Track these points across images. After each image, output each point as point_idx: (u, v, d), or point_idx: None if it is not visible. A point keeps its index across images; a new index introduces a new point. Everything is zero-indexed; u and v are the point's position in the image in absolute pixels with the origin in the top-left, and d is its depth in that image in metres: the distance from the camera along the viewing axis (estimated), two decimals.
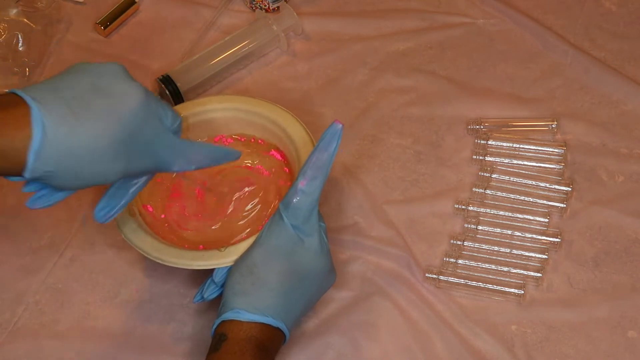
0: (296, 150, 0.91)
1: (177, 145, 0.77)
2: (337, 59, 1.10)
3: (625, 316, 0.90)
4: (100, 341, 0.90)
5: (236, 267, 0.81)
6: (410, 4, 1.15)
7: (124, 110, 0.71)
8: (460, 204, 0.97)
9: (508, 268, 0.93)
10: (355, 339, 0.89)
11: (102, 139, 0.69)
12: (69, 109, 0.68)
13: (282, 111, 0.93)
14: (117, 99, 0.71)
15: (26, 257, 0.95)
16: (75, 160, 0.69)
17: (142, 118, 0.72)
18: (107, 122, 0.70)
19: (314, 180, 0.80)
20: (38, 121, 0.67)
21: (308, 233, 0.80)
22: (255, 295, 0.79)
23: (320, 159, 0.80)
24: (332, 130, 0.80)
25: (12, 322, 0.91)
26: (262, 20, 1.09)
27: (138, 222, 0.88)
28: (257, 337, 0.78)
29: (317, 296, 0.84)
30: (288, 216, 0.79)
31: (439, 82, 1.08)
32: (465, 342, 0.89)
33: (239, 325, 0.78)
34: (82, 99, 0.69)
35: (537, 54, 1.10)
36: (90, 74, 0.72)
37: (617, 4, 1.14)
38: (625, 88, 1.06)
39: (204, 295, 0.84)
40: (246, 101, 0.95)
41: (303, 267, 0.80)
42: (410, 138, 1.03)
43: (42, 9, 1.10)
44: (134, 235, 0.86)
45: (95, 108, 0.69)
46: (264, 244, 0.80)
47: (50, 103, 0.68)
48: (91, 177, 0.71)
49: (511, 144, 1.00)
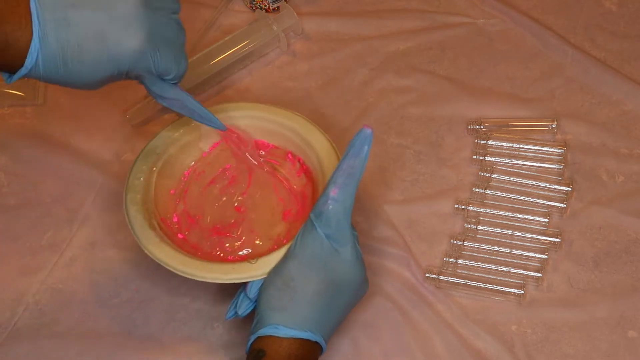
0: (318, 157, 0.89)
1: (180, 55, 0.80)
2: (337, 59, 1.10)
3: (625, 316, 0.90)
4: (100, 341, 0.90)
5: (270, 280, 0.80)
6: (410, 4, 1.15)
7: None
8: (460, 204, 0.97)
9: (508, 268, 0.93)
10: (355, 339, 0.89)
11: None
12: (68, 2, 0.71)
13: (299, 117, 0.92)
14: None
15: (26, 257, 0.95)
16: (90, 13, 0.71)
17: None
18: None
19: (346, 188, 0.78)
20: (35, 16, 0.69)
21: (342, 243, 0.78)
22: (293, 309, 0.77)
23: (351, 166, 0.78)
24: (362, 135, 0.77)
25: (12, 322, 0.91)
26: (262, 20, 1.09)
27: (159, 236, 0.85)
28: (296, 354, 0.77)
29: (351, 306, 0.82)
30: (321, 226, 0.78)
31: (439, 82, 1.08)
32: (465, 342, 0.89)
33: (278, 341, 0.77)
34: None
35: (537, 54, 1.10)
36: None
37: (617, 4, 1.14)
38: (625, 88, 1.06)
39: (239, 312, 0.82)
40: (261, 108, 0.94)
41: (339, 278, 0.79)
42: (410, 138, 1.03)
43: None
44: (157, 250, 0.84)
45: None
46: (298, 255, 0.79)
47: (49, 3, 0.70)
48: (111, 41, 0.72)
49: (511, 144, 1.00)
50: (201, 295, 0.92)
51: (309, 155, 0.91)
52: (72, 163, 1.01)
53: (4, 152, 1.02)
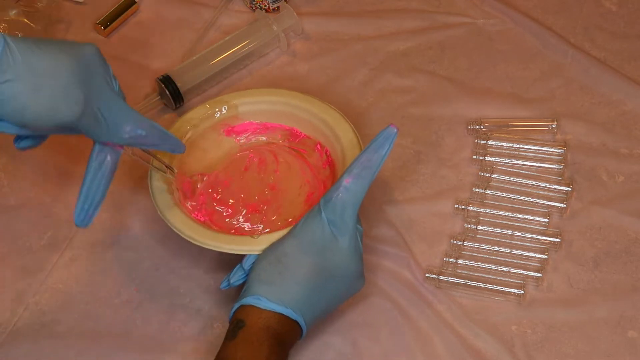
0: (342, 150, 0.91)
1: (126, 108, 0.77)
2: (337, 59, 1.10)
3: (625, 316, 0.90)
4: (100, 341, 0.90)
5: (265, 255, 0.82)
6: (410, 4, 1.15)
7: (81, 50, 0.74)
8: (460, 204, 0.97)
9: (508, 268, 0.93)
10: (355, 339, 0.89)
11: (63, 64, 0.72)
12: (34, 44, 0.71)
13: (332, 110, 0.94)
14: (77, 44, 0.75)
15: (26, 257, 0.95)
16: (35, 75, 0.70)
17: (97, 62, 0.76)
18: (66, 53, 0.73)
19: (360, 179, 0.79)
20: (1, 39, 0.69)
21: (344, 232, 0.79)
22: (280, 284, 0.79)
23: (369, 159, 0.80)
24: (387, 133, 0.80)
25: (12, 322, 0.91)
26: (262, 20, 1.09)
27: (175, 200, 0.88)
28: (274, 328, 0.78)
29: (342, 298, 0.83)
30: (326, 211, 0.79)
31: (439, 82, 1.08)
32: (465, 342, 0.89)
33: (258, 312, 0.78)
34: (47, 40, 0.74)
35: (537, 54, 1.10)
36: (63, 42, 0.75)
37: (617, 4, 1.14)
38: (625, 88, 1.06)
39: (231, 281, 0.84)
40: (296, 96, 0.96)
41: (333, 265, 0.80)
42: (410, 138, 1.03)
43: (42, 9, 1.10)
44: (169, 212, 0.87)
45: (57, 43, 0.73)
46: (297, 235, 0.80)
47: (17, 41, 0.71)
48: (51, 105, 0.71)
49: (511, 144, 1.00)
50: (201, 296, 0.92)
51: (335, 147, 0.92)
52: (73, 163, 1.01)
53: (4, 152, 1.02)
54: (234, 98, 0.97)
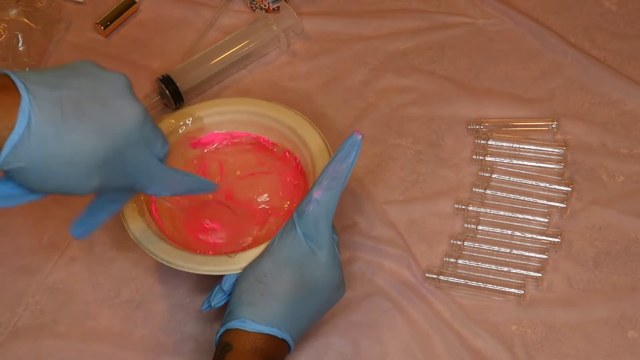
0: (311, 157, 0.90)
1: (158, 172, 0.74)
2: (337, 59, 1.10)
3: (625, 316, 0.90)
4: (100, 341, 0.90)
5: (244, 275, 0.80)
6: (410, 4, 1.15)
7: (117, 129, 0.67)
8: (460, 204, 0.97)
9: (508, 268, 0.93)
10: (355, 339, 0.89)
11: (85, 153, 0.66)
12: (60, 111, 0.64)
13: (300, 117, 0.92)
14: (114, 115, 0.67)
15: (26, 257, 0.95)
16: (52, 165, 0.65)
17: (134, 140, 0.69)
18: (96, 136, 0.66)
19: (330, 191, 0.78)
20: (25, 114, 0.62)
21: (320, 245, 0.78)
22: (263, 305, 0.78)
23: (337, 170, 0.78)
24: (352, 141, 0.78)
25: (12, 322, 0.91)
26: (262, 20, 1.09)
27: (147, 222, 0.87)
28: (262, 349, 0.77)
29: (324, 309, 0.82)
30: (301, 225, 0.78)
31: (439, 82, 1.08)
32: (465, 342, 0.89)
33: (245, 335, 0.77)
34: (77, 104, 0.65)
35: (537, 54, 1.10)
36: (93, 78, 0.68)
37: (617, 4, 1.14)
38: (625, 88, 1.06)
39: (212, 303, 0.83)
40: (262, 104, 0.94)
41: (313, 279, 0.79)
42: (410, 138, 1.03)
43: (42, 9, 1.10)
44: (142, 236, 0.85)
45: (89, 118, 0.65)
46: (274, 253, 0.79)
47: (43, 99, 0.63)
48: (62, 186, 0.67)
49: (511, 144, 1.00)
50: (201, 296, 0.92)
51: (304, 155, 0.91)
52: None
53: None
54: (198, 110, 0.94)
